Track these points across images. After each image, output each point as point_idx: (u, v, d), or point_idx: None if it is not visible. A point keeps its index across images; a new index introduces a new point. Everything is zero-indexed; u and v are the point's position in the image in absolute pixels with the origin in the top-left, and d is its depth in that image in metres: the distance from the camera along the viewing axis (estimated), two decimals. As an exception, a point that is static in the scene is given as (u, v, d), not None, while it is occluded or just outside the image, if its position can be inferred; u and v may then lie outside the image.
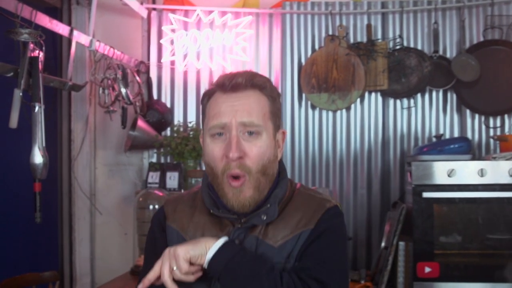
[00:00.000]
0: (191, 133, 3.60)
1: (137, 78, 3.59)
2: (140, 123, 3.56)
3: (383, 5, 3.71)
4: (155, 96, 3.80)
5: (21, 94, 2.39)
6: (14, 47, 2.48)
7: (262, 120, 1.42)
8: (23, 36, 2.40)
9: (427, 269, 2.94)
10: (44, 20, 2.65)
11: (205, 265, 1.38)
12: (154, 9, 3.80)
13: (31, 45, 2.45)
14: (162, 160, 3.79)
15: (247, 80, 1.42)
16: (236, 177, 1.40)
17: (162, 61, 3.77)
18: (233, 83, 1.42)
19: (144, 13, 3.73)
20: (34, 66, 2.46)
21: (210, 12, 3.70)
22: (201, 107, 1.53)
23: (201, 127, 1.54)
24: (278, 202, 1.46)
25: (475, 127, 3.64)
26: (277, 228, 1.44)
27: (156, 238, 1.57)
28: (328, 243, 1.46)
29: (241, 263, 1.37)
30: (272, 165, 1.46)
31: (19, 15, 2.43)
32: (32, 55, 2.46)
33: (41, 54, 2.51)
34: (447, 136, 3.64)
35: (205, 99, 1.50)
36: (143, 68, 3.75)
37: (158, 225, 1.58)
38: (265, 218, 1.43)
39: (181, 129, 3.69)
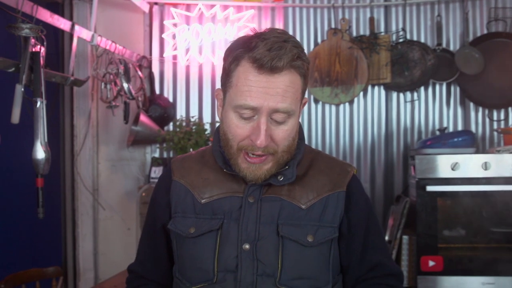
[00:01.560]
0: (193, 127, 3.59)
1: (139, 73, 3.58)
2: (143, 118, 3.55)
3: (386, -2, 3.70)
4: (157, 91, 3.79)
5: (22, 89, 2.38)
6: (16, 42, 2.47)
7: (295, 103, 1.34)
8: (24, 31, 2.39)
9: (431, 263, 2.93)
10: (45, 15, 2.64)
11: None
12: (156, 3, 3.79)
13: (33, 40, 2.43)
14: (165, 155, 3.78)
15: (287, 62, 1.29)
16: (252, 156, 1.35)
17: (164, 55, 3.76)
18: (272, 66, 1.28)
19: (146, 8, 3.72)
20: (35, 61, 2.45)
21: (212, 6, 3.69)
22: (223, 64, 1.39)
23: (219, 87, 1.43)
24: (296, 165, 1.43)
25: (478, 120, 3.63)
26: (303, 191, 1.42)
27: (158, 198, 1.55)
28: (376, 226, 1.52)
29: None
30: (295, 141, 1.41)
31: (20, 10, 2.42)
32: (34, 50, 2.45)
33: (43, 49, 2.49)
34: (451, 129, 3.63)
35: (233, 64, 1.34)
36: (145, 62, 3.74)
37: (162, 187, 1.54)
38: (281, 179, 1.40)
39: (184, 123, 3.68)
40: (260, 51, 1.28)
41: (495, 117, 3.61)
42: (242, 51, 1.32)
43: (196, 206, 1.44)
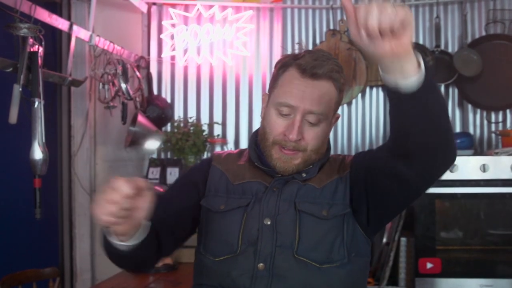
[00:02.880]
0: (191, 128, 3.59)
1: (137, 73, 3.57)
2: (140, 118, 3.54)
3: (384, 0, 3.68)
4: (155, 92, 3.78)
5: (20, 89, 2.37)
6: (13, 42, 2.46)
7: (327, 109, 1.52)
8: (22, 30, 2.38)
9: (429, 265, 2.93)
10: (43, 15, 2.63)
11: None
12: (154, 3, 3.78)
13: (31, 40, 2.43)
14: (163, 156, 3.78)
15: (326, 72, 1.49)
16: (286, 148, 1.52)
17: (162, 56, 3.76)
18: (313, 72, 1.48)
19: (144, 8, 3.72)
20: (33, 61, 2.44)
21: (211, 6, 3.68)
22: (273, 71, 1.60)
23: (266, 91, 1.63)
24: (319, 166, 1.60)
25: (477, 122, 3.63)
26: (317, 175, 1.58)
27: (197, 169, 1.71)
28: None
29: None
30: (324, 145, 1.60)
31: (18, 9, 2.41)
32: (32, 50, 2.44)
33: (41, 49, 2.49)
34: (449, 131, 3.62)
35: (281, 70, 1.55)
36: (143, 63, 3.73)
37: (201, 167, 1.70)
38: (305, 175, 1.57)
39: (182, 124, 3.67)
40: (307, 59, 1.51)
41: (493, 119, 3.61)
42: (291, 60, 1.54)
43: (228, 186, 1.60)
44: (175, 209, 1.61)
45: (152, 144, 3.51)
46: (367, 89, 3.68)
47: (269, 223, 1.50)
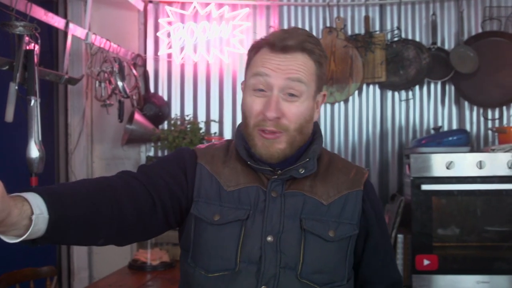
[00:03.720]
0: (188, 126, 3.59)
1: (134, 71, 3.56)
2: (137, 116, 3.54)
3: (381, -3, 3.70)
4: (152, 90, 3.78)
5: (16, 87, 2.37)
6: (9, 40, 2.45)
7: (307, 79, 1.40)
8: (18, 29, 2.37)
9: (426, 262, 2.93)
10: (39, 13, 2.63)
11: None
12: (151, 1, 3.78)
13: (27, 38, 2.42)
14: (160, 154, 3.77)
15: (298, 43, 1.39)
16: (267, 131, 1.40)
17: (159, 54, 3.75)
18: (283, 45, 1.39)
19: (140, 6, 3.71)
20: (29, 59, 2.44)
21: (207, 4, 3.68)
22: (246, 57, 1.49)
23: (243, 78, 1.51)
24: (316, 157, 1.47)
25: (473, 119, 3.64)
26: (324, 187, 1.46)
27: (184, 160, 1.48)
28: (386, 229, 1.59)
29: None
30: (309, 125, 1.46)
31: (14, 8, 2.40)
32: (28, 48, 2.43)
33: (37, 47, 2.48)
34: (446, 128, 3.63)
35: (252, 52, 1.45)
36: (139, 61, 3.73)
37: (187, 158, 1.49)
38: (303, 171, 1.44)
39: (178, 122, 3.67)
40: (275, 34, 1.42)
41: (489, 116, 3.62)
42: (260, 41, 1.45)
43: (221, 193, 1.45)
44: (169, 178, 1.42)
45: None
46: (364, 86, 3.68)
47: (271, 239, 1.39)
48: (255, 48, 1.45)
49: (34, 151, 2.40)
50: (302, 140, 1.45)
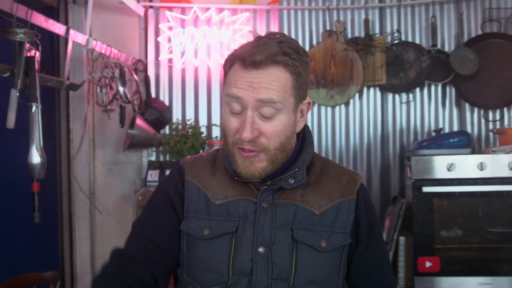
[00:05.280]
0: (189, 130, 3.60)
1: (135, 76, 3.58)
2: (139, 121, 3.55)
3: (381, 0, 3.70)
4: (153, 94, 3.79)
5: (18, 94, 2.37)
6: (10, 47, 2.47)
7: (282, 96, 1.33)
8: (18, 36, 2.39)
9: (428, 264, 2.93)
10: (39, 20, 2.64)
11: None
12: (151, 7, 3.79)
13: (27, 45, 2.43)
14: (161, 158, 3.78)
15: (267, 57, 1.31)
16: (246, 150, 1.36)
17: (159, 59, 3.76)
18: (252, 61, 1.31)
19: (141, 11, 3.72)
20: (30, 66, 2.45)
21: (207, 9, 3.69)
22: (223, 70, 1.44)
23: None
24: (305, 166, 1.44)
25: (474, 120, 3.64)
26: (316, 196, 1.43)
27: (170, 187, 1.49)
28: (381, 236, 1.56)
29: None
30: (291, 141, 1.41)
31: (14, 15, 2.42)
32: (28, 55, 2.45)
33: (38, 54, 2.49)
34: (447, 130, 3.63)
35: (227, 66, 1.40)
36: (140, 66, 3.74)
37: (175, 180, 1.50)
38: (292, 181, 1.41)
39: (180, 126, 3.68)
40: (245, 48, 1.34)
41: (490, 118, 3.62)
42: (234, 54, 1.38)
43: (210, 207, 1.43)
44: (161, 240, 1.44)
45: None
46: (365, 89, 3.69)
47: (262, 250, 1.37)
48: (229, 62, 1.39)
49: (35, 157, 2.41)
50: (285, 156, 1.41)
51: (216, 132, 3.76)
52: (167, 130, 3.79)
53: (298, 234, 1.39)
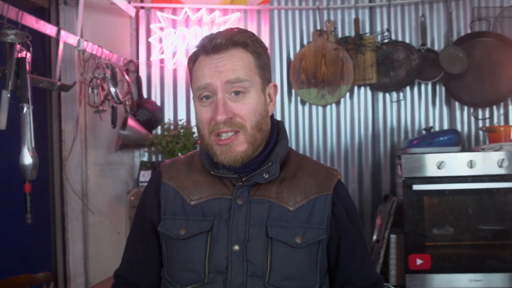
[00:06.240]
0: (181, 131, 3.60)
1: (126, 77, 3.58)
2: (131, 122, 3.56)
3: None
4: (145, 95, 3.80)
5: (9, 95, 2.38)
6: (1, 48, 2.47)
7: (248, 75, 1.40)
8: (9, 37, 2.39)
9: (419, 261, 2.95)
10: (30, 21, 2.65)
11: None
12: (142, 7, 3.80)
13: (18, 46, 2.44)
14: (153, 159, 3.79)
15: (227, 39, 1.39)
16: (222, 137, 1.39)
17: (151, 59, 3.77)
18: (213, 44, 1.38)
19: (132, 12, 3.73)
20: (21, 67, 2.45)
21: (198, 9, 3.70)
22: (188, 70, 1.50)
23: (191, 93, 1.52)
24: (280, 161, 1.46)
25: (464, 119, 3.66)
26: (291, 193, 1.45)
27: (148, 198, 1.57)
28: (361, 232, 1.57)
29: None
30: (266, 121, 1.45)
31: (5, 16, 2.42)
32: (20, 56, 2.45)
33: (29, 55, 2.50)
34: (437, 128, 3.66)
35: (191, 64, 1.46)
36: (132, 67, 3.75)
37: (151, 188, 1.57)
38: (267, 176, 1.43)
39: (172, 127, 3.69)
40: (205, 37, 1.43)
41: (480, 116, 3.65)
42: (196, 51, 1.45)
43: (185, 207, 1.47)
44: (148, 265, 1.56)
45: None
46: (355, 88, 3.71)
47: (237, 248, 1.39)
48: (192, 59, 1.45)
49: (27, 158, 2.42)
50: (263, 137, 1.44)
51: (208, 132, 3.77)
52: (159, 130, 3.80)
53: (273, 231, 1.41)
